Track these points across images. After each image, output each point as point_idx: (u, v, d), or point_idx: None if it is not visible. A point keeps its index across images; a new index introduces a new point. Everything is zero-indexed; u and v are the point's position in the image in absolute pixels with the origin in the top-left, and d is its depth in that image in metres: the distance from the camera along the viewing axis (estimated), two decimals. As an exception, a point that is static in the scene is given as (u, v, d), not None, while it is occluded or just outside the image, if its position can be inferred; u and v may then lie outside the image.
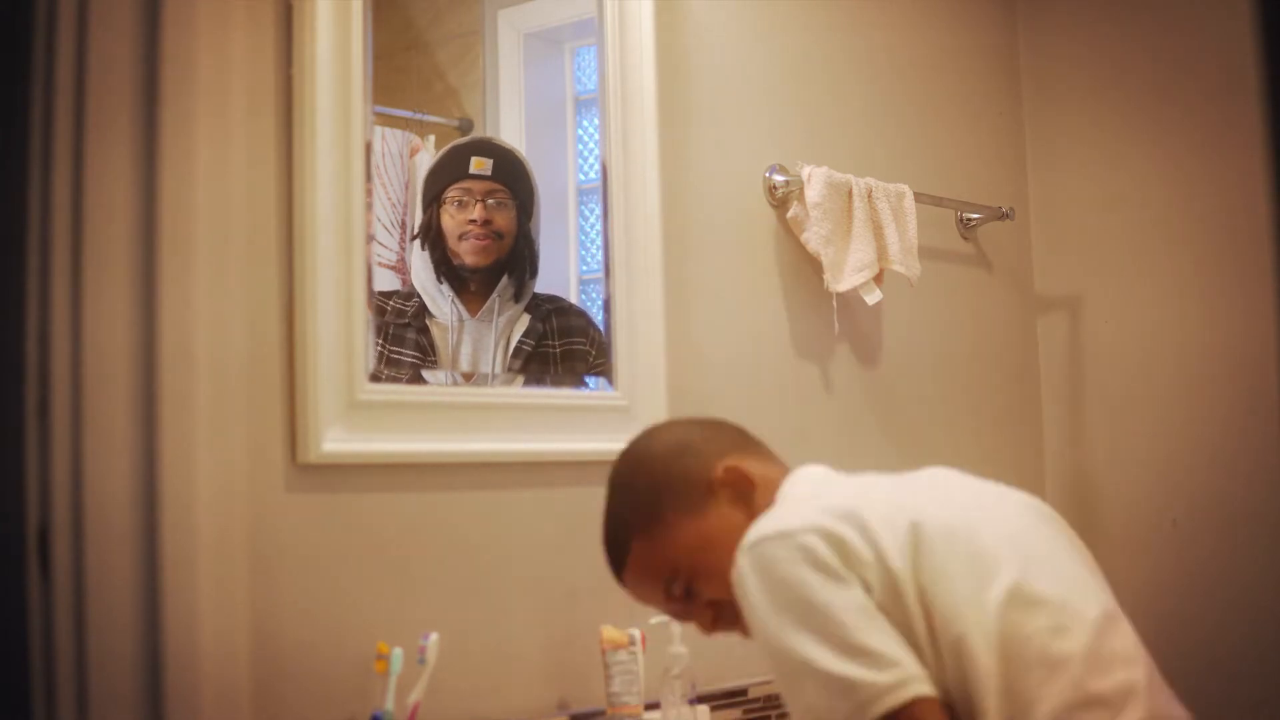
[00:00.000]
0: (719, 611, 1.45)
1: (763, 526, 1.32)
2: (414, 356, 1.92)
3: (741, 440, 1.53)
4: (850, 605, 1.24)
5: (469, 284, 2.00)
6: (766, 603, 1.27)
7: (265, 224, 1.66)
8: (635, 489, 1.49)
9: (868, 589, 1.25)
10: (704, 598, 1.45)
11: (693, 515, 1.44)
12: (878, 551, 1.26)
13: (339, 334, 1.70)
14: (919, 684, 1.21)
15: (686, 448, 1.49)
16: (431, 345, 1.96)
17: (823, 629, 1.23)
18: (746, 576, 1.29)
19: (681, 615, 1.49)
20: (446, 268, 1.98)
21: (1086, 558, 1.41)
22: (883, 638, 1.23)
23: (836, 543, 1.26)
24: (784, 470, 1.51)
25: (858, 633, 1.22)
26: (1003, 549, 1.30)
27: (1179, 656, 2.66)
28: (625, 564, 1.48)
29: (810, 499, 1.38)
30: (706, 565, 1.42)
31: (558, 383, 2.03)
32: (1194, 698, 1.37)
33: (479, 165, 2.01)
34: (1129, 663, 1.28)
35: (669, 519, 1.45)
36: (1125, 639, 1.32)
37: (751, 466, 1.48)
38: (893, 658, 1.22)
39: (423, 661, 1.67)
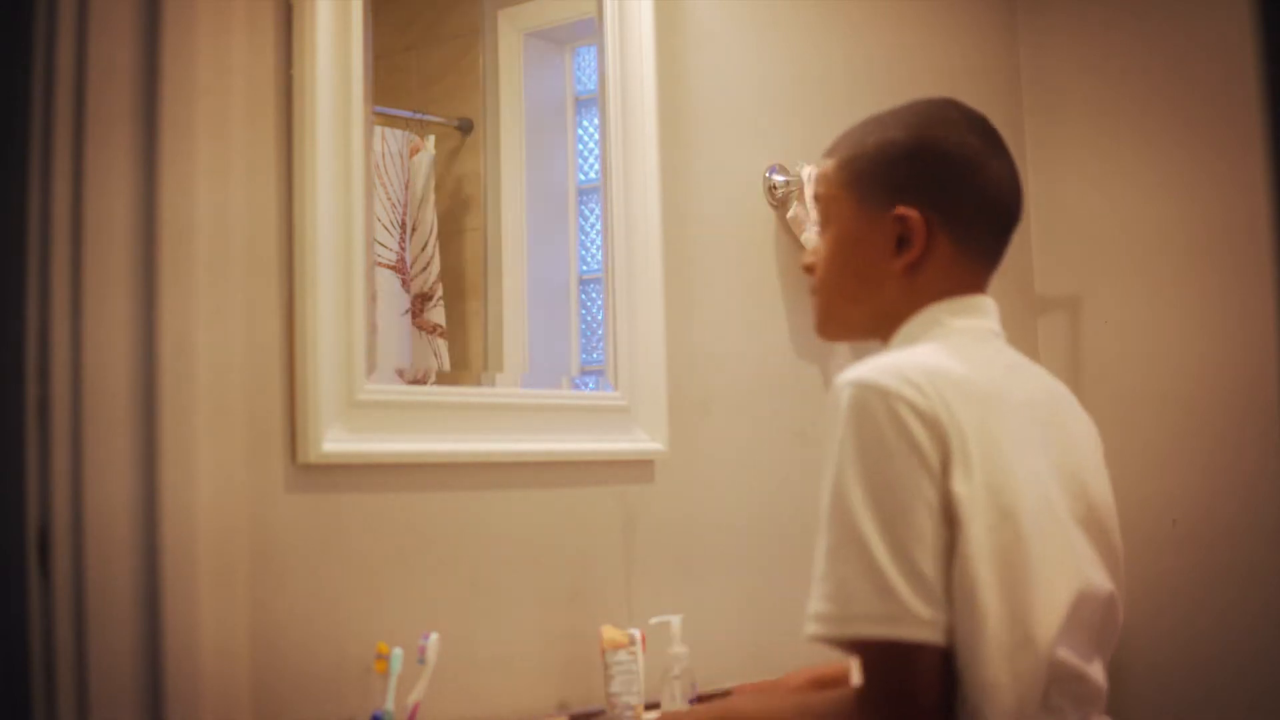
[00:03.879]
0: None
1: (892, 370, 1.20)
2: (414, 356, 1.92)
3: (972, 212, 1.36)
4: (927, 518, 1.16)
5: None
6: (855, 453, 1.17)
7: (265, 223, 1.66)
8: (868, 125, 1.37)
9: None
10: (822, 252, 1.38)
11: (861, 209, 1.34)
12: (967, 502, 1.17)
13: (339, 334, 1.70)
14: (942, 634, 1.16)
15: (927, 149, 1.33)
16: (432, 345, 1.96)
17: (892, 522, 1.15)
18: (846, 411, 1.19)
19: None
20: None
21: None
22: (936, 568, 1.16)
23: (940, 443, 1.18)
24: (962, 287, 1.40)
25: (920, 548, 1.15)
26: (1071, 560, 1.28)
27: (1179, 655, 2.67)
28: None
29: (946, 373, 1.23)
30: (832, 255, 1.36)
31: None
32: (1194, 696, 1.37)
33: None
34: None
35: (848, 188, 1.35)
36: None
37: (937, 240, 1.33)
38: (937, 595, 1.16)
39: (423, 661, 1.67)
